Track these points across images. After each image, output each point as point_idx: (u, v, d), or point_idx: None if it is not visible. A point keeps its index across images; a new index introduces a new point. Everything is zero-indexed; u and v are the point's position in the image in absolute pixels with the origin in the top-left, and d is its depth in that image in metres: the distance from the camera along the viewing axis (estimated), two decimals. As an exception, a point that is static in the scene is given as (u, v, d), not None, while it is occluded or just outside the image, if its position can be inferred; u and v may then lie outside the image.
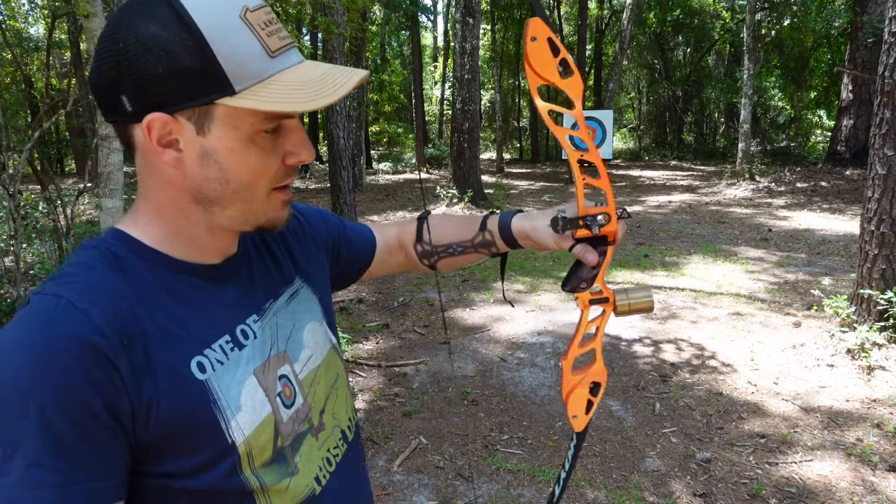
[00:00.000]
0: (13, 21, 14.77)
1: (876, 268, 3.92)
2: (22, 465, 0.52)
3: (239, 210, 0.65)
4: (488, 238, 0.95)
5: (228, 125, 0.60)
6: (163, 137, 0.60)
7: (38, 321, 0.56)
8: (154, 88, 0.58)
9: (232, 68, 0.58)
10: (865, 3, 11.71)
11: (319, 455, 0.75)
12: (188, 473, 0.62)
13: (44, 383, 0.53)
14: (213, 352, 0.65)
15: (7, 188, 4.55)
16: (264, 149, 0.63)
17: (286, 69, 0.61)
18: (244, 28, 0.59)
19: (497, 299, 5.44)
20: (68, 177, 16.25)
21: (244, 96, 0.58)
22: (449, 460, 2.88)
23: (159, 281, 0.64)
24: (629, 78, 26.70)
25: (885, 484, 2.58)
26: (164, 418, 0.59)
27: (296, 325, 0.77)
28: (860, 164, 11.55)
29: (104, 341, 0.56)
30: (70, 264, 0.62)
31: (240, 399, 0.65)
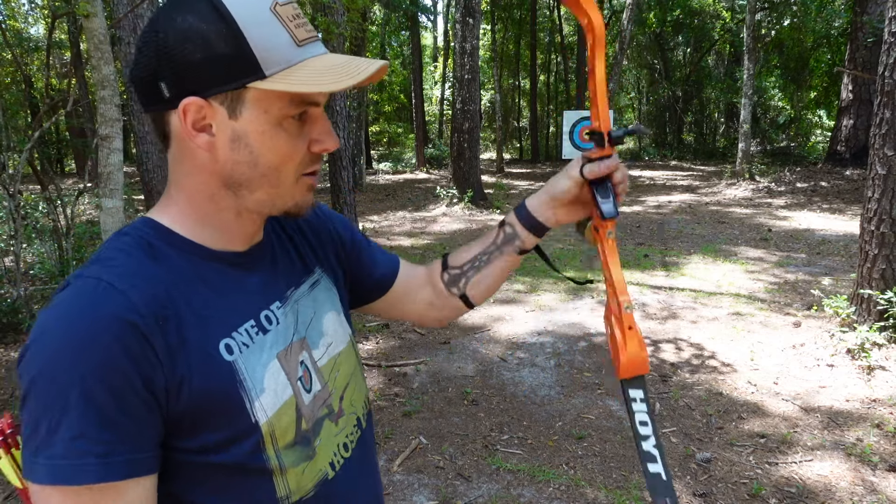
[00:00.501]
0: (13, 21, 14.77)
1: (876, 268, 3.92)
2: (66, 438, 0.55)
3: (267, 194, 0.68)
4: (509, 232, 0.90)
5: (259, 109, 0.64)
6: (197, 122, 0.64)
7: (81, 301, 0.59)
8: (191, 74, 0.62)
9: (263, 54, 0.62)
10: (865, 3, 11.71)
11: (337, 440, 0.77)
12: (213, 449, 0.65)
13: (87, 359, 0.56)
14: (240, 335, 0.68)
15: (7, 188, 4.55)
16: (292, 134, 0.66)
17: (312, 57, 0.65)
18: (274, 20, 0.63)
19: (498, 299, 5.44)
20: (68, 177, 16.26)
21: (274, 80, 0.62)
22: (449, 460, 2.88)
23: (190, 267, 0.67)
24: (629, 78, 26.69)
25: (885, 484, 2.58)
26: (195, 395, 0.62)
27: (316, 313, 0.79)
28: (860, 164, 11.55)
29: (142, 320, 0.59)
30: (107, 249, 0.65)
31: (263, 381, 0.68)
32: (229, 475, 0.67)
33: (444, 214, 10.48)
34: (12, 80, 12.53)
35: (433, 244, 8.08)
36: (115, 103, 3.08)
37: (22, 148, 4.71)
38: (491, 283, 0.94)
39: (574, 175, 0.83)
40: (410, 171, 19.06)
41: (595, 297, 5.43)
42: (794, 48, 17.66)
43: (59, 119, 6.01)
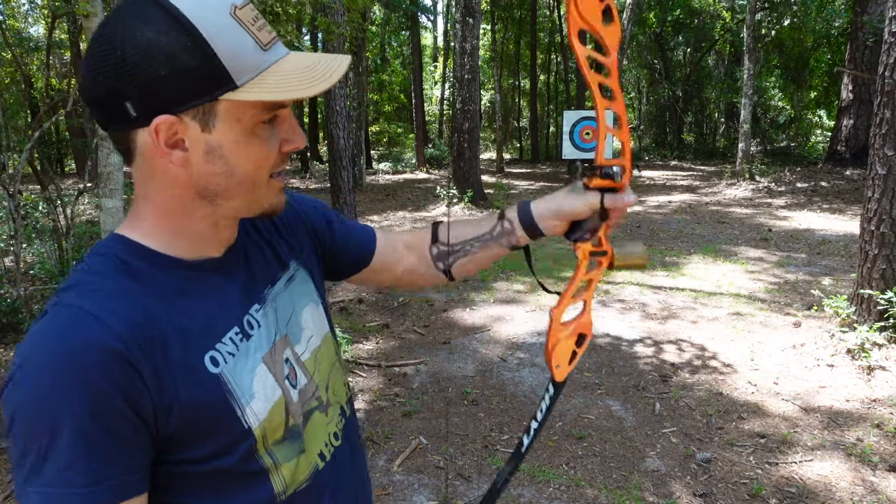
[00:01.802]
0: (13, 21, 14.77)
1: (876, 268, 3.92)
2: (55, 468, 0.56)
3: (243, 200, 0.68)
4: (507, 227, 0.93)
5: (231, 119, 0.62)
6: (169, 139, 0.62)
7: (61, 332, 0.58)
8: (159, 92, 0.59)
9: (231, 64, 0.59)
10: (865, 3, 11.71)
11: (327, 430, 0.79)
12: (207, 459, 0.65)
13: (73, 389, 0.56)
14: (225, 345, 0.68)
15: (7, 188, 4.55)
16: (264, 139, 0.65)
17: (280, 60, 0.63)
18: (236, 25, 0.60)
19: (498, 299, 5.44)
20: (68, 177, 16.26)
21: (246, 89, 0.60)
22: (449, 460, 2.87)
23: (169, 281, 0.66)
24: (629, 78, 26.68)
25: (885, 484, 2.58)
26: (185, 412, 0.62)
27: (295, 309, 0.79)
28: (860, 164, 11.55)
29: (125, 347, 0.59)
30: (83, 272, 0.64)
31: (252, 387, 0.68)
32: (226, 480, 0.67)
33: (444, 214, 10.49)
34: (12, 80, 12.54)
35: (433, 244, 8.07)
36: (115, 103, 3.08)
37: (22, 148, 4.71)
38: (476, 266, 0.97)
39: (594, 203, 0.84)
40: (410, 171, 19.05)
41: (595, 296, 5.43)
42: (794, 48, 17.66)
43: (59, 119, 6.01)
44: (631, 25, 16.14)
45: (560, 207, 0.87)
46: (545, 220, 0.90)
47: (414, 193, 13.33)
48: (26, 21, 16.38)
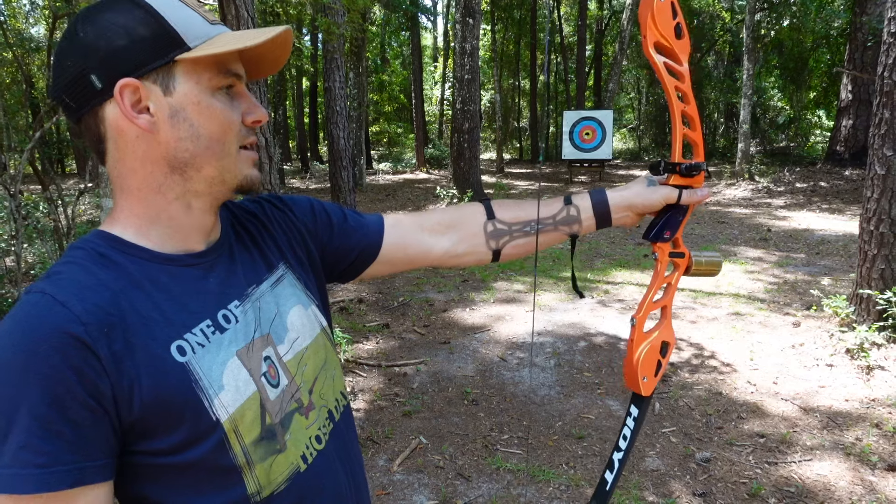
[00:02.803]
0: (14, 21, 14.78)
1: (875, 268, 3.93)
2: (13, 447, 0.57)
3: (215, 168, 0.70)
4: (573, 214, 0.92)
5: (191, 81, 0.67)
6: (135, 104, 0.66)
7: (23, 316, 0.60)
8: (119, 58, 0.64)
9: (183, 30, 0.66)
10: (865, 3, 11.72)
11: (308, 433, 0.77)
12: (175, 450, 0.65)
13: (29, 371, 0.57)
14: (194, 335, 0.68)
15: (8, 188, 4.56)
16: (226, 104, 0.70)
17: (225, 32, 0.70)
18: (182, 5, 0.68)
19: (497, 299, 5.44)
20: (69, 177, 16.27)
21: (199, 49, 0.66)
22: (449, 460, 2.88)
23: (141, 272, 0.67)
24: (629, 78, 26.69)
25: (883, 483, 2.59)
26: (148, 399, 0.62)
27: (280, 310, 0.79)
28: (859, 164, 11.56)
29: (83, 330, 0.59)
30: (58, 264, 0.67)
31: (222, 379, 0.68)
32: (197, 474, 0.67)
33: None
34: (13, 80, 12.54)
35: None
36: (116, 104, 3.09)
37: (23, 148, 4.72)
38: (527, 251, 0.95)
39: (671, 197, 0.86)
40: (410, 171, 19.06)
41: (595, 297, 5.44)
42: (793, 48, 17.67)
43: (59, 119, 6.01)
44: (631, 25, 16.15)
45: (636, 200, 0.89)
46: (620, 211, 0.90)
47: (414, 193, 13.33)
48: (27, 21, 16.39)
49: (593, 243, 7.79)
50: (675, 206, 0.86)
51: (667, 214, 0.86)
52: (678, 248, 0.87)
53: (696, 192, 0.86)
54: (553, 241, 0.94)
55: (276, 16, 12.66)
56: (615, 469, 0.88)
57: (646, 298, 0.86)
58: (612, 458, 0.88)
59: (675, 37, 0.82)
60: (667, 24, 0.82)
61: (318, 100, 20.36)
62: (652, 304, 0.86)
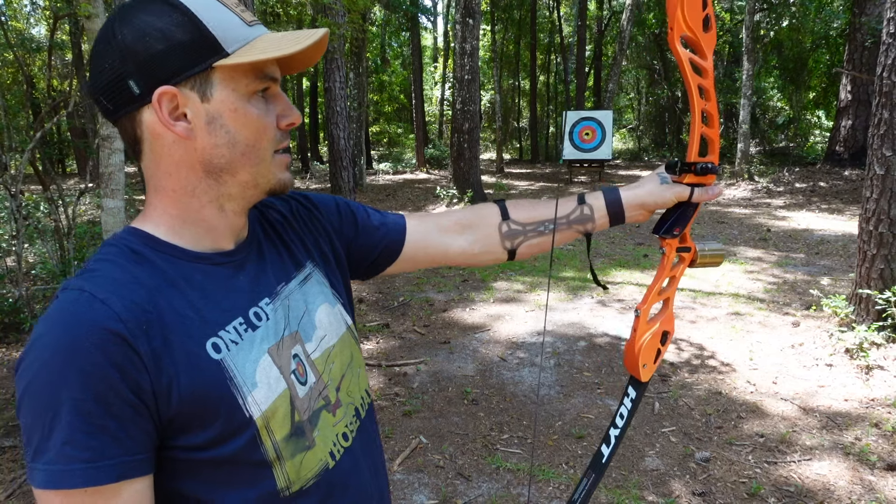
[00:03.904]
0: (15, 21, 14.78)
1: (874, 268, 3.94)
2: (58, 444, 0.58)
3: (249, 174, 0.70)
4: (587, 213, 0.95)
5: (228, 88, 0.66)
6: (172, 111, 0.65)
7: (63, 313, 0.61)
8: (157, 65, 0.64)
9: (221, 34, 0.65)
10: (864, 4, 11.73)
11: (336, 430, 0.79)
12: (210, 445, 0.66)
13: (71, 369, 0.58)
14: (228, 333, 0.69)
15: (9, 188, 4.57)
16: (263, 109, 0.69)
17: (263, 35, 0.68)
18: (221, 6, 0.66)
19: (497, 299, 5.45)
20: (70, 177, 16.27)
21: (237, 55, 0.65)
22: (449, 460, 2.89)
23: (175, 270, 0.68)
24: (628, 78, 26.71)
25: (882, 483, 2.60)
26: (185, 395, 0.64)
27: (308, 308, 0.80)
28: (859, 164, 11.57)
29: (123, 327, 0.60)
30: (92, 261, 0.67)
31: (255, 376, 0.69)
32: (230, 469, 0.68)
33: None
34: (14, 80, 12.55)
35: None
36: (117, 104, 3.09)
37: (24, 148, 4.72)
38: (541, 249, 0.97)
39: (683, 195, 0.88)
40: (410, 171, 19.06)
41: (594, 296, 5.45)
42: (792, 49, 17.68)
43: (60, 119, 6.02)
44: (630, 26, 16.15)
45: (648, 199, 0.92)
46: (633, 208, 0.93)
47: (414, 193, 13.34)
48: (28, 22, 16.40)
49: (593, 243, 7.80)
50: (686, 203, 0.88)
51: (678, 211, 0.88)
52: (685, 243, 0.89)
53: (708, 191, 0.88)
54: (567, 239, 0.97)
55: (276, 16, 12.67)
56: (611, 444, 0.89)
57: (651, 290, 0.87)
58: (609, 434, 0.90)
59: (702, 29, 0.79)
60: (696, 16, 0.78)
61: (318, 100, 20.36)
62: (656, 296, 0.87)
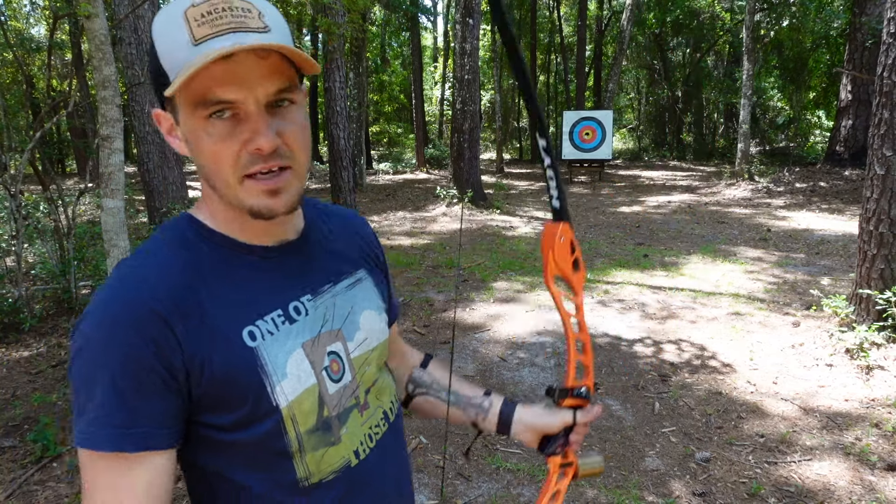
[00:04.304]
0: (15, 21, 14.78)
1: (875, 268, 3.94)
2: (95, 409, 0.64)
3: (223, 194, 0.70)
4: (484, 405, 1.00)
5: (185, 113, 0.66)
6: (168, 131, 0.71)
7: (110, 291, 0.67)
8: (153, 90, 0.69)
9: (167, 62, 0.64)
10: (864, 4, 11.73)
11: (363, 431, 0.81)
12: (235, 427, 0.70)
13: (111, 343, 0.64)
14: (265, 323, 0.72)
15: (9, 188, 4.56)
16: (219, 135, 0.65)
17: (206, 52, 0.61)
18: (180, 23, 0.63)
19: (497, 299, 5.45)
20: (69, 177, 16.26)
21: (173, 84, 0.63)
22: (449, 460, 2.89)
23: (219, 258, 0.72)
24: (629, 78, 26.70)
25: (883, 483, 2.59)
26: (217, 377, 0.68)
27: (353, 309, 0.82)
28: (859, 164, 11.56)
29: (162, 307, 0.65)
30: (147, 242, 0.73)
31: (286, 367, 0.72)
32: (252, 453, 0.72)
33: (444, 214, 10.49)
34: (14, 80, 12.55)
35: (433, 244, 8.09)
36: (116, 104, 3.09)
37: (23, 148, 4.72)
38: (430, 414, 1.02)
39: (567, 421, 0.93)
40: (410, 171, 19.05)
41: (594, 297, 5.45)
42: (793, 49, 17.68)
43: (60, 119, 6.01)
44: (630, 26, 16.16)
45: (537, 423, 0.95)
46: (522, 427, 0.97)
47: (414, 193, 13.34)
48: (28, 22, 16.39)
49: (593, 243, 7.80)
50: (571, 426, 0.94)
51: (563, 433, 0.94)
52: (567, 459, 0.94)
53: (588, 413, 0.93)
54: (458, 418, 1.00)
55: (276, 16, 12.66)
56: None
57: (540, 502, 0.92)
58: None
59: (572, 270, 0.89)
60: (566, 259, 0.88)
61: (318, 100, 20.35)
62: None
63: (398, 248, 7.84)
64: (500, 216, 10.23)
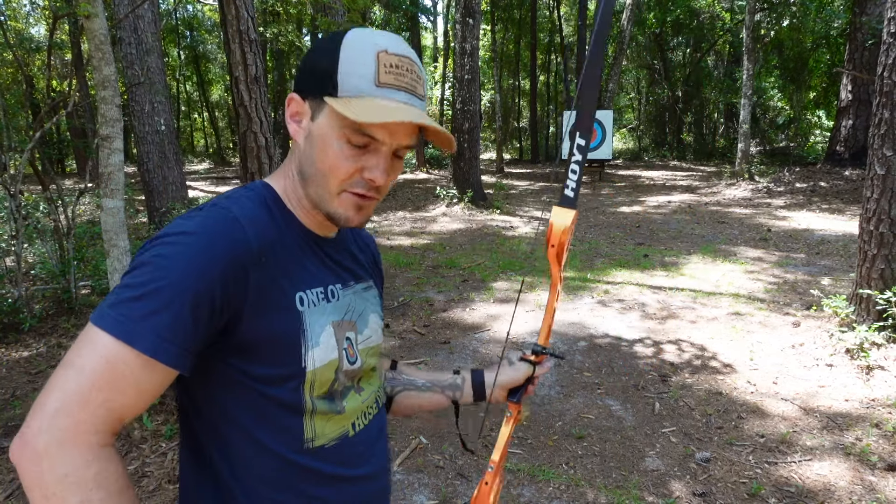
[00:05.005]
0: (14, 21, 14.78)
1: (875, 268, 3.93)
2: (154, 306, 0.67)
3: (315, 192, 0.81)
4: (458, 382, 1.13)
5: (329, 121, 0.77)
6: (294, 114, 0.81)
7: (210, 222, 0.73)
8: (303, 77, 0.80)
9: (344, 79, 0.75)
10: (864, 3, 11.72)
11: (360, 409, 0.90)
12: (265, 380, 0.77)
13: (192, 265, 0.69)
14: (311, 294, 0.82)
15: (8, 188, 4.56)
16: (348, 155, 0.78)
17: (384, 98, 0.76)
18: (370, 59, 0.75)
19: (497, 299, 5.44)
20: (69, 177, 16.26)
21: (340, 101, 0.75)
22: (449, 460, 2.88)
23: (289, 231, 0.82)
24: (629, 78, 26.69)
25: (883, 483, 2.59)
26: (266, 329, 0.75)
27: (366, 308, 0.93)
28: (859, 164, 11.56)
29: (248, 255, 0.73)
30: (238, 195, 0.80)
31: (320, 337, 0.81)
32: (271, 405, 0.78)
33: (444, 214, 10.49)
34: (13, 80, 12.55)
35: (433, 244, 8.08)
36: (116, 104, 3.09)
37: (23, 148, 4.71)
38: (418, 406, 1.12)
39: (529, 372, 1.12)
40: (410, 171, 19.05)
41: (594, 297, 5.44)
42: (793, 49, 17.68)
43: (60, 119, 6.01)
44: (630, 26, 16.15)
45: (506, 382, 1.11)
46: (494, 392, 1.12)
47: (414, 193, 13.33)
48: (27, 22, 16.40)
49: (593, 243, 7.80)
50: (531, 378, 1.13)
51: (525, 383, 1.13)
52: (519, 405, 1.12)
53: (544, 366, 1.13)
54: (437, 402, 1.12)
55: (276, 15, 12.66)
56: None
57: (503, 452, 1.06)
58: None
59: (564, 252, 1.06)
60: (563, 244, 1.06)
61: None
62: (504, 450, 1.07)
63: (398, 248, 7.84)
64: (500, 216, 10.23)
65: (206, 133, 32.69)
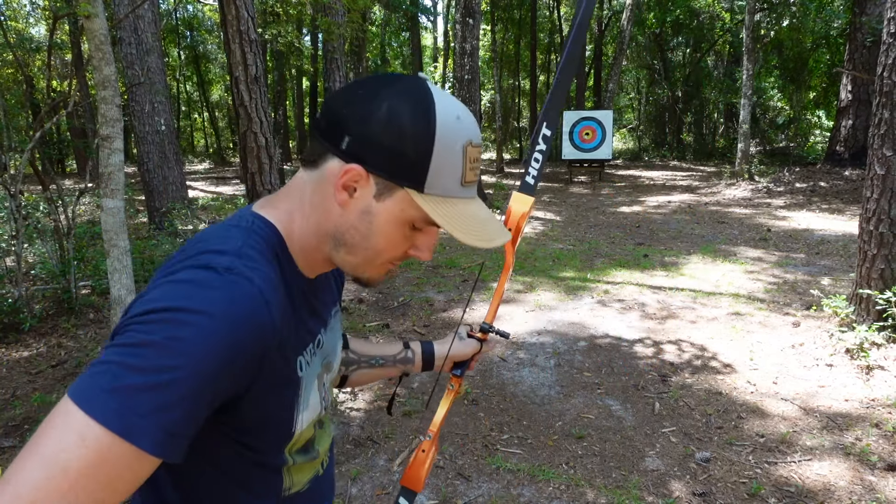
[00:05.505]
0: (15, 22, 14.78)
1: (875, 268, 3.94)
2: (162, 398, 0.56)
3: (358, 262, 0.75)
4: (409, 356, 1.15)
5: (399, 205, 0.70)
6: (348, 183, 0.69)
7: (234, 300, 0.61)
8: (373, 150, 0.67)
9: (433, 175, 0.68)
10: (864, 3, 11.73)
11: (326, 444, 0.89)
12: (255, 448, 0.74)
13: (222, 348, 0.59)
14: (308, 354, 0.77)
15: (8, 188, 4.56)
16: (404, 236, 0.73)
17: (465, 199, 0.73)
18: (459, 155, 0.70)
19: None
20: (69, 177, 16.27)
21: (427, 199, 0.69)
22: (449, 460, 2.88)
23: (294, 284, 0.75)
24: (629, 78, 26.70)
25: (883, 483, 2.59)
26: (265, 407, 0.70)
27: (337, 341, 0.90)
28: (859, 164, 11.57)
29: (273, 336, 0.65)
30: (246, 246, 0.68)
31: (310, 398, 0.78)
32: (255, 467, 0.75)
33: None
34: (14, 80, 12.55)
35: (433, 244, 8.08)
36: (116, 104, 3.09)
37: (23, 148, 4.72)
38: (370, 379, 1.15)
39: (476, 348, 1.16)
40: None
41: (594, 297, 5.44)
42: (793, 49, 17.68)
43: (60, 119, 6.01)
44: (630, 26, 16.16)
45: (456, 355, 1.15)
46: (441, 360, 1.15)
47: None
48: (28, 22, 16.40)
49: (593, 243, 7.80)
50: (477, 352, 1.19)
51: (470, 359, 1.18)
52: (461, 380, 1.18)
53: (487, 344, 1.18)
54: (389, 374, 1.16)
55: (276, 15, 12.67)
56: None
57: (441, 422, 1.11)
58: None
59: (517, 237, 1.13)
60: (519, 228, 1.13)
61: (318, 100, 20.36)
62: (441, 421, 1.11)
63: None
64: (499, 216, 10.24)
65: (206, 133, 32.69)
